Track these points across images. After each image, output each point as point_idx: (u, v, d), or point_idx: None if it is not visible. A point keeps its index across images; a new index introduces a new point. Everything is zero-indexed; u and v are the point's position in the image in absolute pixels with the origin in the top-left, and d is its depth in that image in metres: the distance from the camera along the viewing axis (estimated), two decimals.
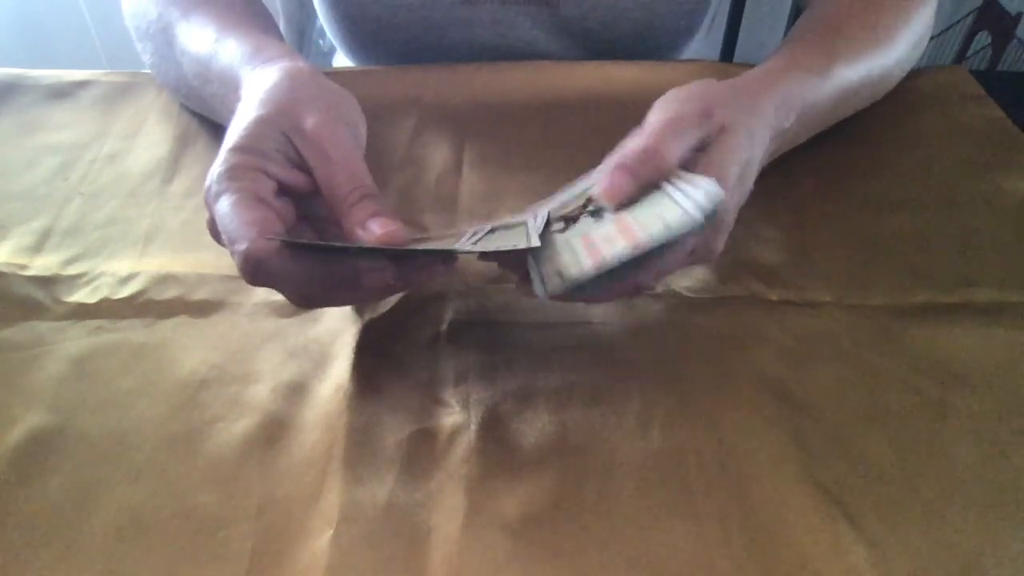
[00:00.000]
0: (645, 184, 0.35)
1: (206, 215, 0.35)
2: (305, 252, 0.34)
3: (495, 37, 0.64)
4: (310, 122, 0.36)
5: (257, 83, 0.39)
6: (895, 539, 0.32)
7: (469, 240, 0.37)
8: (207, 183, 0.35)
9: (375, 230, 0.34)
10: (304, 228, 0.38)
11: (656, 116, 0.38)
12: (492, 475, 0.35)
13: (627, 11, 0.61)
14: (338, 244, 0.35)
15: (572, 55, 0.65)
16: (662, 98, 0.39)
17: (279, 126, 0.36)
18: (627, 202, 0.35)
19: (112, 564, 0.32)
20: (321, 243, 0.36)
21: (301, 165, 0.37)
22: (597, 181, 0.36)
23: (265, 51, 0.43)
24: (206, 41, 0.46)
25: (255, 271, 0.33)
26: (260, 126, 0.36)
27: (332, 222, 0.36)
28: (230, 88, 0.42)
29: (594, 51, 0.64)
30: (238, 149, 0.35)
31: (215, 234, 0.36)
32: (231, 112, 0.40)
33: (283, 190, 0.36)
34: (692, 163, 0.37)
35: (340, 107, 0.39)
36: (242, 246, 0.33)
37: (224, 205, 0.34)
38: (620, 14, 0.61)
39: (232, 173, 0.34)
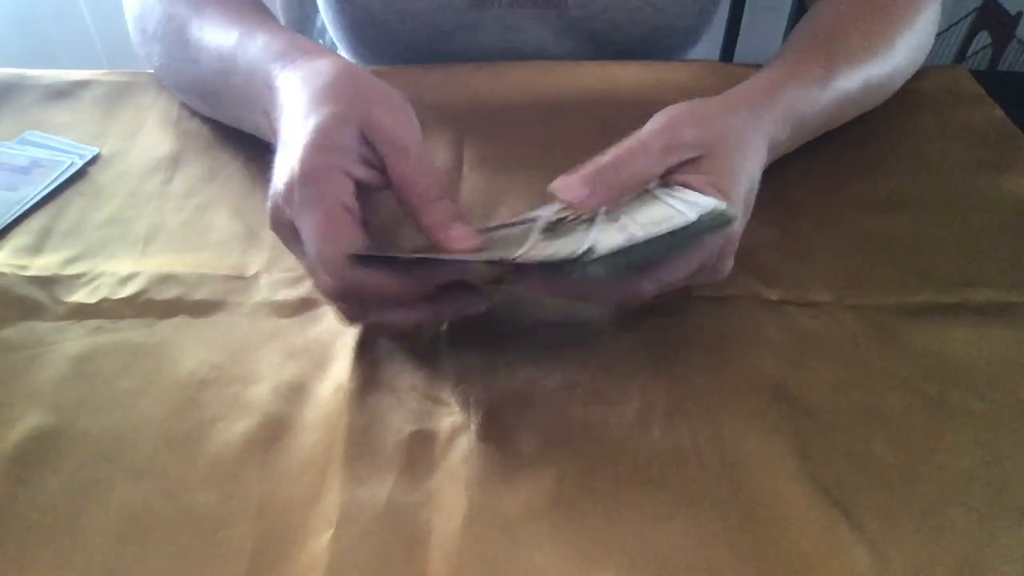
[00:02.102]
0: (603, 196, 0.35)
1: (269, 217, 0.34)
2: (387, 265, 0.33)
3: (502, 41, 0.63)
4: (385, 118, 0.35)
5: (309, 78, 0.37)
6: (895, 539, 0.32)
7: (531, 244, 0.36)
8: (281, 185, 0.34)
9: (458, 238, 0.34)
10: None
11: (638, 132, 0.38)
12: (492, 475, 0.35)
13: (636, 12, 0.61)
14: (423, 255, 0.34)
15: (580, 57, 0.64)
16: (658, 113, 0.39)
17: (354, 122, 0.35)
18: (626, 210, 0.35)
19: (112, 564, 0.32)
20: (406, 255, 0.35)
21: (373, 162, 0.35)
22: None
23: (299, 46, 0.41)
24: (230, 37, 0.45)
25: (345, 289, 0.33)
26: (335, 122, 0.35)
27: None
28: (259, 81, 0.41)
29: (602, 53, 0.64)
30: (318, 148, 0.34)
31: (287, 240, 0.34)
32: (256, 106, 0.39)
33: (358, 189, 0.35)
34: (687, 179, 0.37)
35: (405, 103, 0.38)
36: (335, 268, 0.32)
37: (310, 217, 0.33)
38: (629, 15, 0.61)
39: (316, 176, 0.33)
